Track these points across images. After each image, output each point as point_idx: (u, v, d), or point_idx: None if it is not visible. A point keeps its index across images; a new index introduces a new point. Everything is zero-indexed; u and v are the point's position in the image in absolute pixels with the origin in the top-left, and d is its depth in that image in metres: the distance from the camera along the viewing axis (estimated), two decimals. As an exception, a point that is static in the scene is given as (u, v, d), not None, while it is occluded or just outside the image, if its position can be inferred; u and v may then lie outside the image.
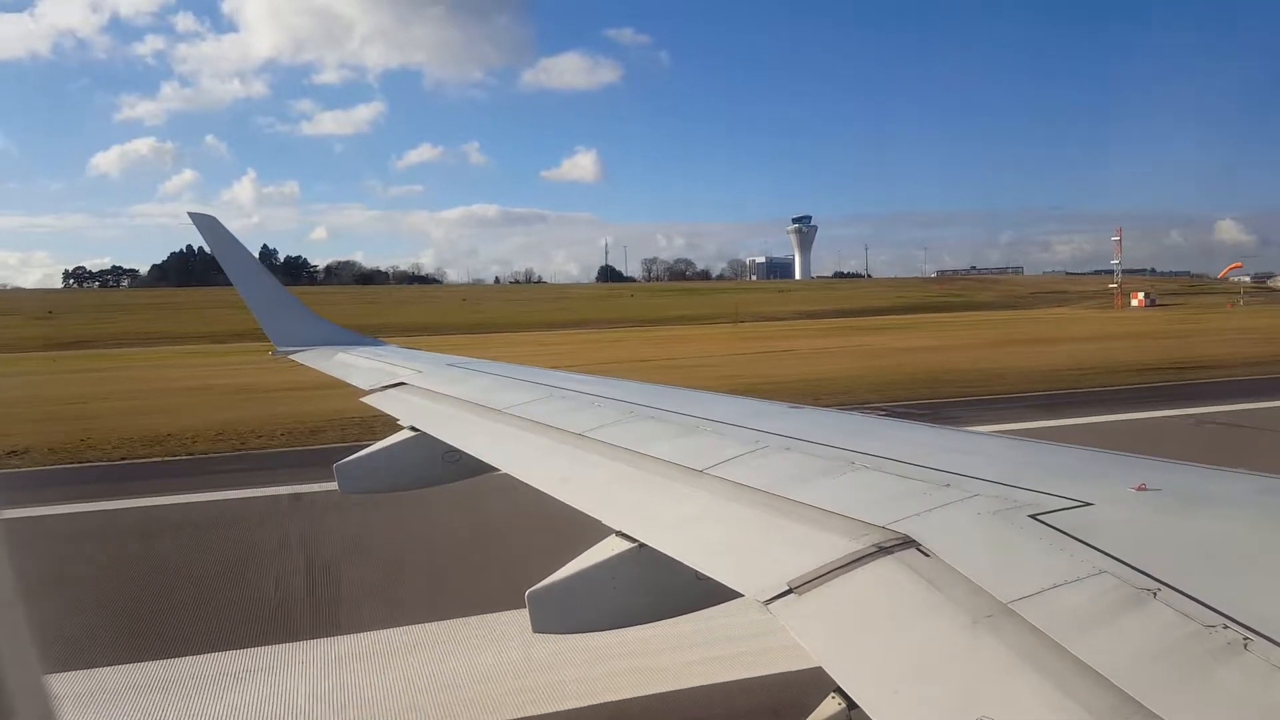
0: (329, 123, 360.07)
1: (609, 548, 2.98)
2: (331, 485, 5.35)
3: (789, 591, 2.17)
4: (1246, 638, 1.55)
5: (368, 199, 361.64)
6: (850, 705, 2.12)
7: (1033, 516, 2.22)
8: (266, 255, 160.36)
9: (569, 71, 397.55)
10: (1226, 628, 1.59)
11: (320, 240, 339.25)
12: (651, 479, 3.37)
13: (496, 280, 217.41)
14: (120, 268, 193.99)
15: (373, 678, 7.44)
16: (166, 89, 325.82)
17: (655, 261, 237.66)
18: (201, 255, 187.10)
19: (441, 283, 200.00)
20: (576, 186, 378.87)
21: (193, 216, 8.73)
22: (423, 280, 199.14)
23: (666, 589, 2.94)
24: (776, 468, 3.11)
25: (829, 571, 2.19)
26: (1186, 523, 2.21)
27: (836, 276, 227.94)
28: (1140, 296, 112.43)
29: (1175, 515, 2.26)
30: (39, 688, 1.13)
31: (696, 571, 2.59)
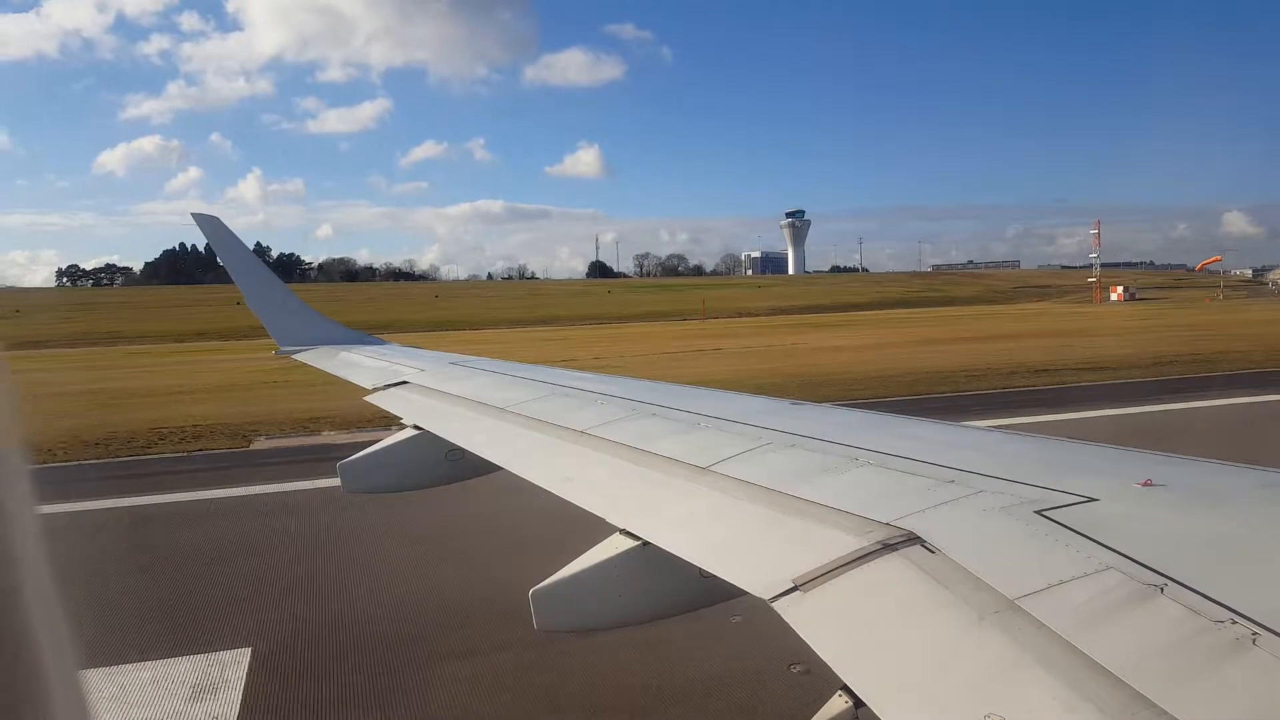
0: (334, 120, 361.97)
1: (613, 546, 2.98)
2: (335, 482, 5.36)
3: (794, 589, 2.16)
4: (1255, 633, 1.54)
5: (373, 196, 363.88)
6: (857, 703, 2.12)
7: (1039, 512, 2.21)
8: (260, 253, 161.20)
9: (572, 67, 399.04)
10: (1234, 623, 1.58)
11: (326, 237, 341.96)
12: (655, 476, 3.36)
13: (490, 276, 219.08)
14: (114, 265, 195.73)
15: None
16: (172, 88, 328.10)
17: (647, 257, 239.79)
18: (192, 253, 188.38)
19: (434, 279, 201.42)
20: (581, 182, 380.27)
21: (196, 217, 8.75)
22: (409, 276, 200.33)
23: (671, 587, 2.94)
24: (780, 464, 3.10)
25: (834, 569, 2.18)
26: (1193, 518, 2.20)
27: (834, 271, 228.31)
28: (1120, 291, 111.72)
29: (1181, 510, 2.25)
30: (74, 684, 1.14)
31: (701, 569, 2.58)
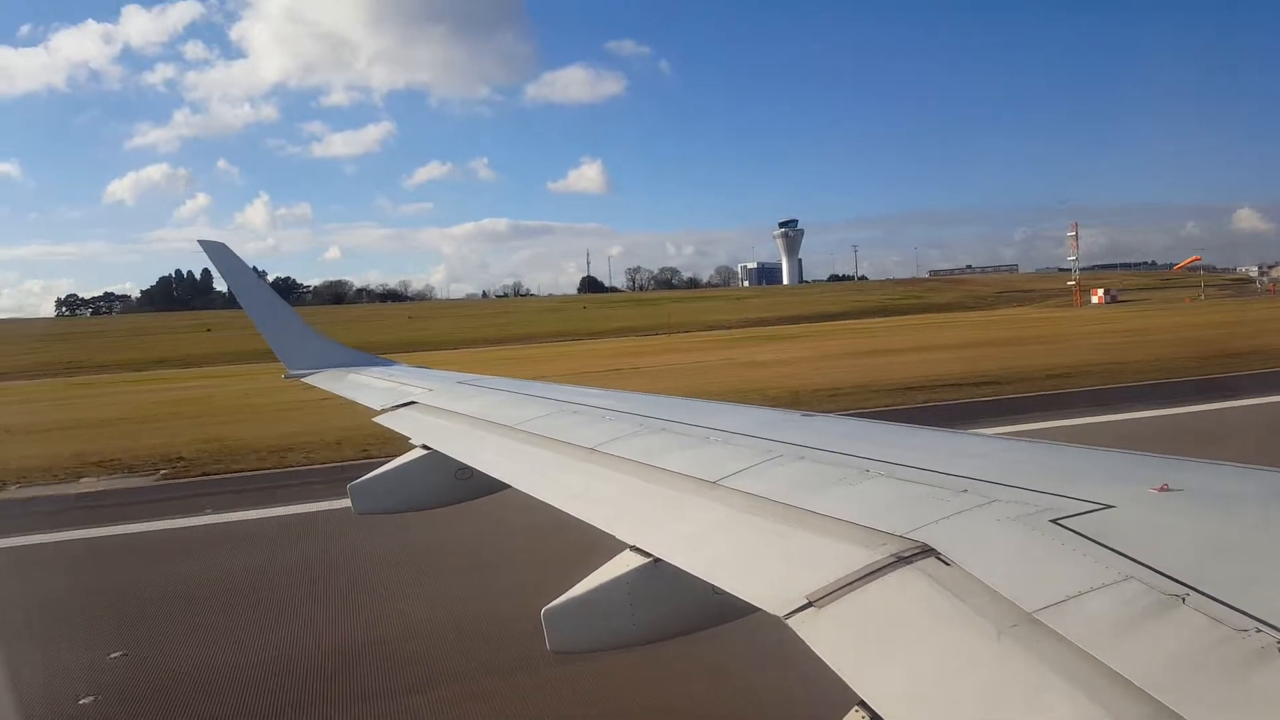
0: (339, 144, 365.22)
1: (623, 563, 2.95)
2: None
3: (808, 605, 2.13)
4: None
5: (380, 217, 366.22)
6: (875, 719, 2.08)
7: (1054, 521, 2.17)
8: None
9: (573, 84, 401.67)
10: (1259, 631, 1.54)
11: (335, 260, 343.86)
12: (664, 492, 3.33)
13: (485, 294, 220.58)
14: (113, 294, 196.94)
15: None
16: (178, 116, 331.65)
17: (639, 271, 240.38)
18: (187, 279, 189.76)
19: (430, 299, 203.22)
20: (584, 198, 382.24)
21: (203, 244, 8.82)
22: (401, 298, 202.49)
23: (683, 605, 2.91)
24: (790, 477, 3.07)
25: (848, 584, 2.15)
26: (1211, 523, 2.16)
27: (832, 279, 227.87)
28: (1100, 293, 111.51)
29: (1199, 516, 2.21)
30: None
31: (713, 586, 2.55)
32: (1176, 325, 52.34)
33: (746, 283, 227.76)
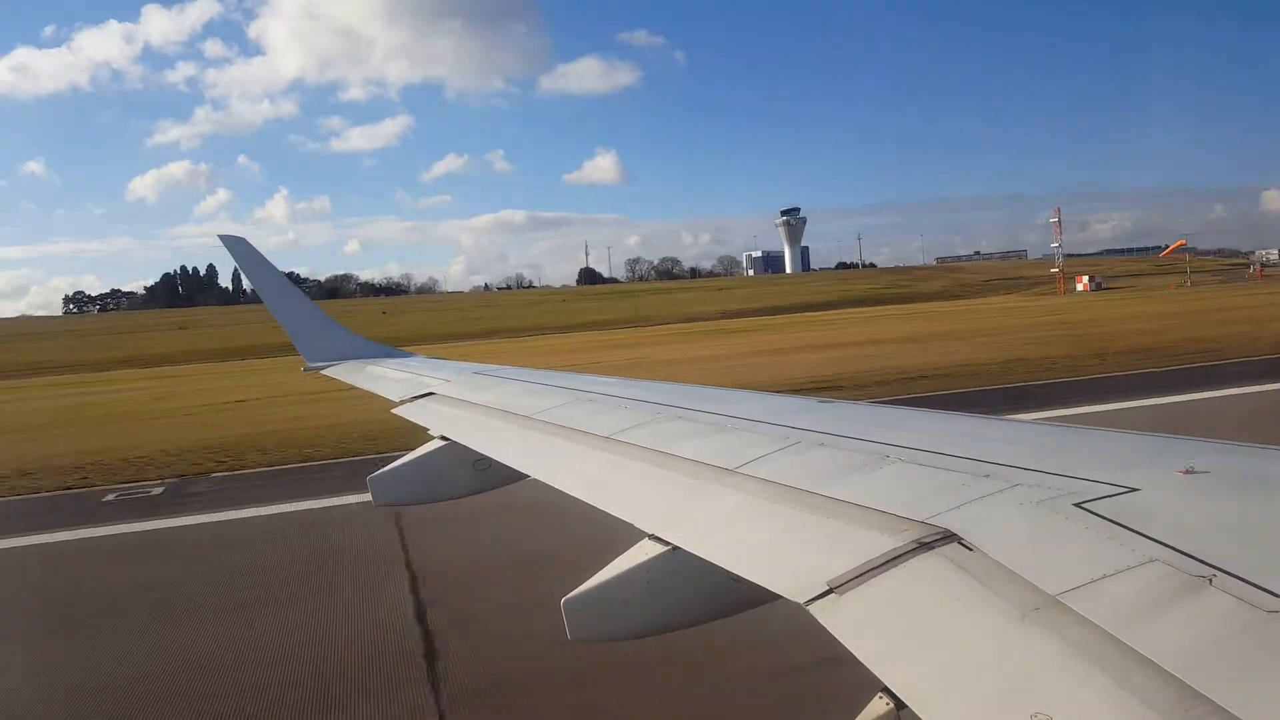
0: (357, 138, 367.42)
1: (642, 552, 2.94)
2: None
3: (829, 591, 2.12)
4: None
5: (399, 211, 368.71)
6: (899, 705, 2.07)
7: (1077, 505, 2.15)
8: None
9: (587, 76, 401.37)
10: None
11: (354, 253, 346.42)
12: (682, 480, 3.33)
13: (487, 287, 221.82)
14: (119, 290, 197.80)
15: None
16: (199, 113, 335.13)
17: (638, 262, 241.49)
18: (193, 275, 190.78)
19: (433, 292, 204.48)
20: (601, 188, 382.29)
21: (223, 238, 8.91)
22: (390, 291, 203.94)
23: (702, 593, 2.90)
24: (809, 464, 3.05)
25: (870, 570, 2.14)
26: (1238, 505, 2.13)
27: (839, 267, 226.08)
28: (1085, 281, 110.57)
29: (1226, 498, 2.18)
30: None
31: (732, 574, 2.55)
32: (1126, 316, 51.03)
33: (751, 272, 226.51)
